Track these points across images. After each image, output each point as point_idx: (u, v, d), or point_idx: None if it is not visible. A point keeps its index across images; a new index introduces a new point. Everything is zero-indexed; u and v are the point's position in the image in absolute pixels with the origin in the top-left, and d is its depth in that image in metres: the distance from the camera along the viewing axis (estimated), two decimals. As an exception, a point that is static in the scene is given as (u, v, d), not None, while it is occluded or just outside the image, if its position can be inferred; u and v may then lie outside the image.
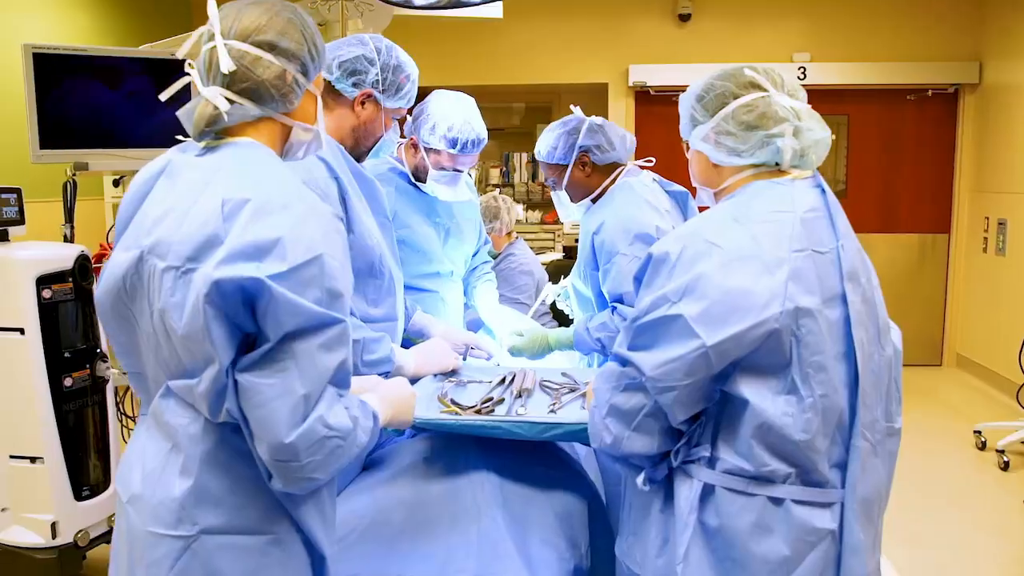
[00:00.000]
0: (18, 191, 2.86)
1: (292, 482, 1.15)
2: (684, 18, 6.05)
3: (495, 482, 1.63)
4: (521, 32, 6.15)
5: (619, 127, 2.38)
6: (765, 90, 1.39)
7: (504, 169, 8.25)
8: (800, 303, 1.25)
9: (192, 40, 1.30)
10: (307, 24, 1.33)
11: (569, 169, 2.32)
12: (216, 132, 1.28)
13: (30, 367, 2.65)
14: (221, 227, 1.13)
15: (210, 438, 1.18)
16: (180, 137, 1.31)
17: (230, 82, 1.25)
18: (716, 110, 1.41)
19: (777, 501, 1.27)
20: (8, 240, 2.83)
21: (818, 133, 1.39)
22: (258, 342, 1.14)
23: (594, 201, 2.37)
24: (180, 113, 1.28)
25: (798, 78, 5.92)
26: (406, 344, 2.03)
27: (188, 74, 1.29)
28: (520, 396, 1.75)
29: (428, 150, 2.28)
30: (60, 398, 2.70)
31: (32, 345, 2.65)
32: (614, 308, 2.17)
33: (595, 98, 6.60)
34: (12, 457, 2.70)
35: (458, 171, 2.33)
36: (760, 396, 1.26)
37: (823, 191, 1.38)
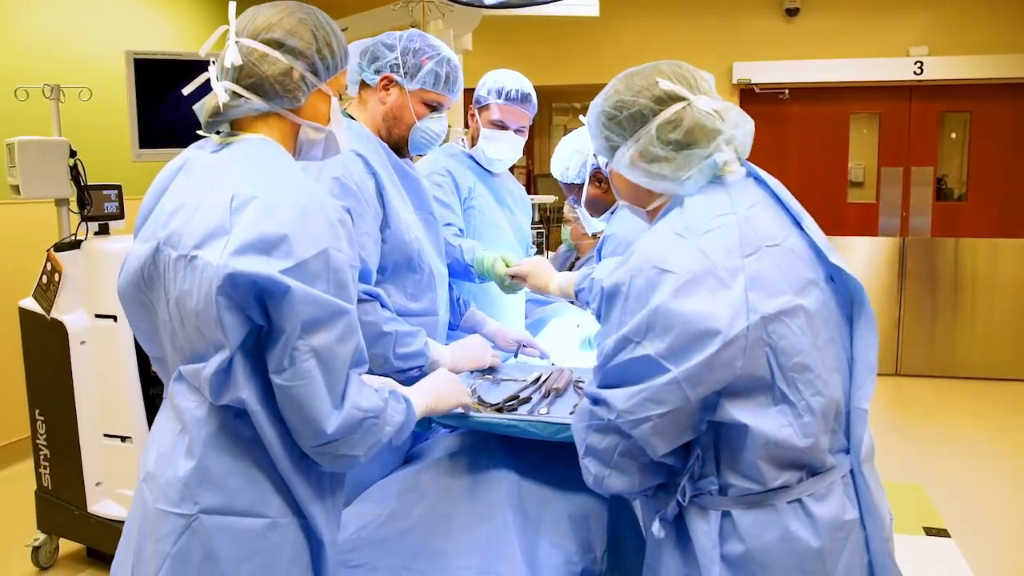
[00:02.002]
0: (118, 187, 3.07)
1: (333, 462, 1.25)
2: (791, 12, 5.85)
3: (513, 481, 1.63)
4: (621, 30, 6.09)
5: None
6: (684, 99, 1.30)
7: (609, 169, 8.20)
8: (764, 311, 1.17)
9: (213, 39, 1.37)
10: (322, 25, 1.37)
11: (585, 188, 2.26)
12: (231, 128, 1.35)
13: (122, 352, 2.84)
14: (228, 220, 1.18)
15: (214, 422, 1.23)
16: (200, 133, 1.37)
17: (237, 77, 1.31)
18: (634, 130, 1.32)
19: (796, 502, 1.23)
20: (108, 233, 3.04)
21: (744, 126, 1.31)
22: (272, 335, 1.19)
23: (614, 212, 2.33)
24: (196, 107, 1.35)
25: (914, 73, 5.63)
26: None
27: (207, 71, 1.36)
28: (548, 396, 1.74)
29: (480, 109, 2.41)
30: (148, 382, 2.87)
31: (123, 332, 2.83)
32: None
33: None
34: (105, 436, 2.90)
35: (505, 127, 2.40)
36: (755, 416, 1.19)
37: (757, 179, 1.32)
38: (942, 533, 3.38)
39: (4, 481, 3.92)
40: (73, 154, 2.95)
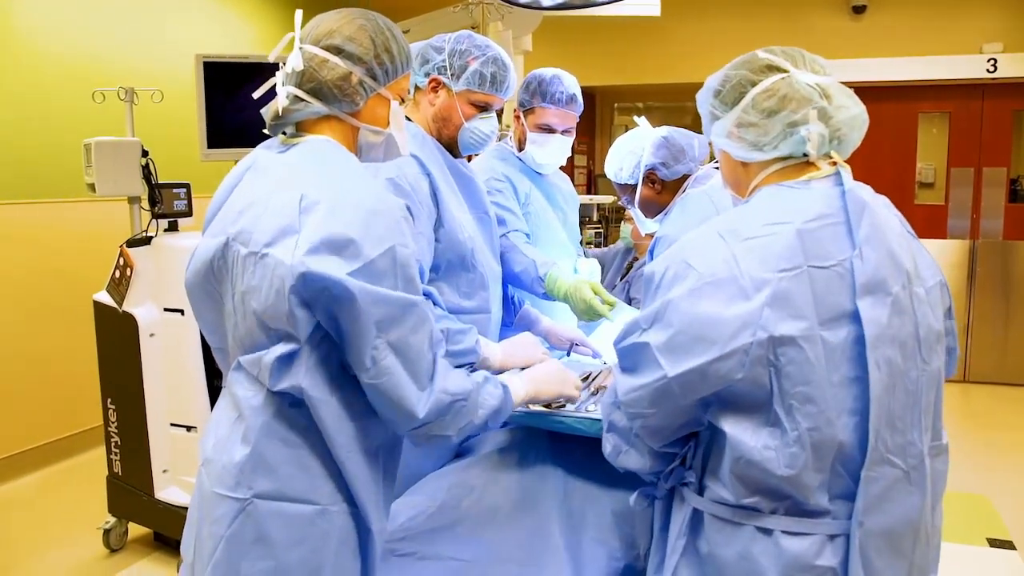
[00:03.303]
0: (187, 186, 3.18)
1: (428, 441, 1.33)
2: (859, 10, 5.73)
3: (559, 476, 1.65)
4: (683, 30, 6.06)
5: (688, 133, 2.26)
6: (785, 70, 1.27)
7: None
8: (777, 331, 1.12)
9: (281, 46, 1.43)
10: (381, 31, 1.41)
11: (638, 189, 2.25)
12: (295, 128, 1.41)
13: (188, 345, 2.94)
14: (296, 219, 1.24)
15: (269, 410, 1.28)
16: (266, 132, 1.44)
17: (299, 81, 1.37)
18: (735, 102, 1.30)
19: (766, 531, 1.18)
20: (177, 230, 3.16)
21: (852, 109, 1.26)
22: (349, 337, 1.24)
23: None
24: (263, 110, 1.41)
25: (987, 71, 5.46)
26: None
27: (275, 74, 1.42)
28: (596, 394, 1.76)
29: (526, 113, 2.40)
30: (212, 374, 2.97)
31: (191, 325, 2.93)
32: None
33: (762, 96, 6.39)
34: (172, 425, 3.01)
35: (553, 130, 2.38)
36: (740, 429, 1.16)
37: (844, 192, 1.23)
38: (1007, 545, 3.29)
39: (79, 466, 4.10)
40: (145, 154, 3.07)
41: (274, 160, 1.37)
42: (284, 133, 1.42)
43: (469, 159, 2.54)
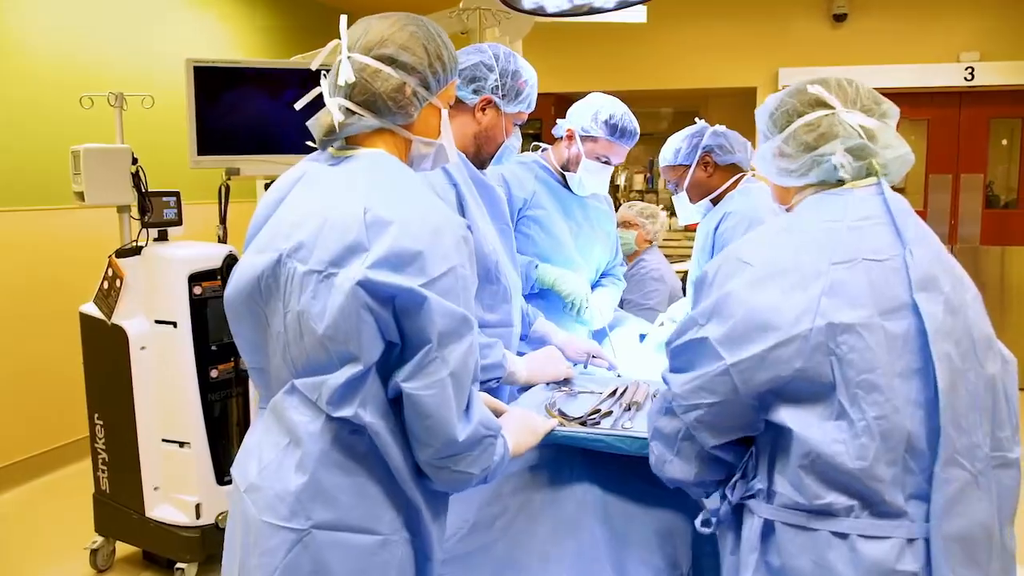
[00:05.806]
0: (177, 194, 3.09)
1: (449, 478, 1.25)
2: (839, 18, 5.80)
3: (598, 495, 1.61)
4: (667, 36, 6.07)
5: (741, 137, 2.51)
6: (831, 107, 1.31)
7: (649, 175, 8.18)
8: (835, 319, 1.15)
9: (325, 53, 1.37)
10: (433, 38, 1.35)
11: (692, 169, 2.48)
12: (346, 141, 1.34)
13: (181, 358, 2.85)
14: (364, 236, 1.18)
15: (328, 437, 1.22)
16: (310, 144, 1.37)
17: (350, 93, 1.30)
18: (783, 128, 1.35)
19: (841, 536, 1.16)
20: (167, 239, 3.06)
21: (898, 149, 1.30)
22: (408, 347, 1.19)
23: (714, 203, 2.53)
24: (310, 123, 1.34)
25: (964, 79, 5.55)
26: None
27: (320, 85, 1.36)
28: (629, 409, 1.72)
29: (585, 139, 2.40)
30: (207, 388, 2.89)
31: (183, 338, 2.84)
32: None
33: (744, 102, 6.43)
34: (164, 441, 2.92)
35: (609, 163, 2.43)
36: (804, 423, 1.17)
37: (884, 199, 1.27)
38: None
39: (62, 480, 3.97)
40: (135, 161, 2.97)
41: (327, 173, 1.31)
42: (332, 146, 1.35)
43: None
